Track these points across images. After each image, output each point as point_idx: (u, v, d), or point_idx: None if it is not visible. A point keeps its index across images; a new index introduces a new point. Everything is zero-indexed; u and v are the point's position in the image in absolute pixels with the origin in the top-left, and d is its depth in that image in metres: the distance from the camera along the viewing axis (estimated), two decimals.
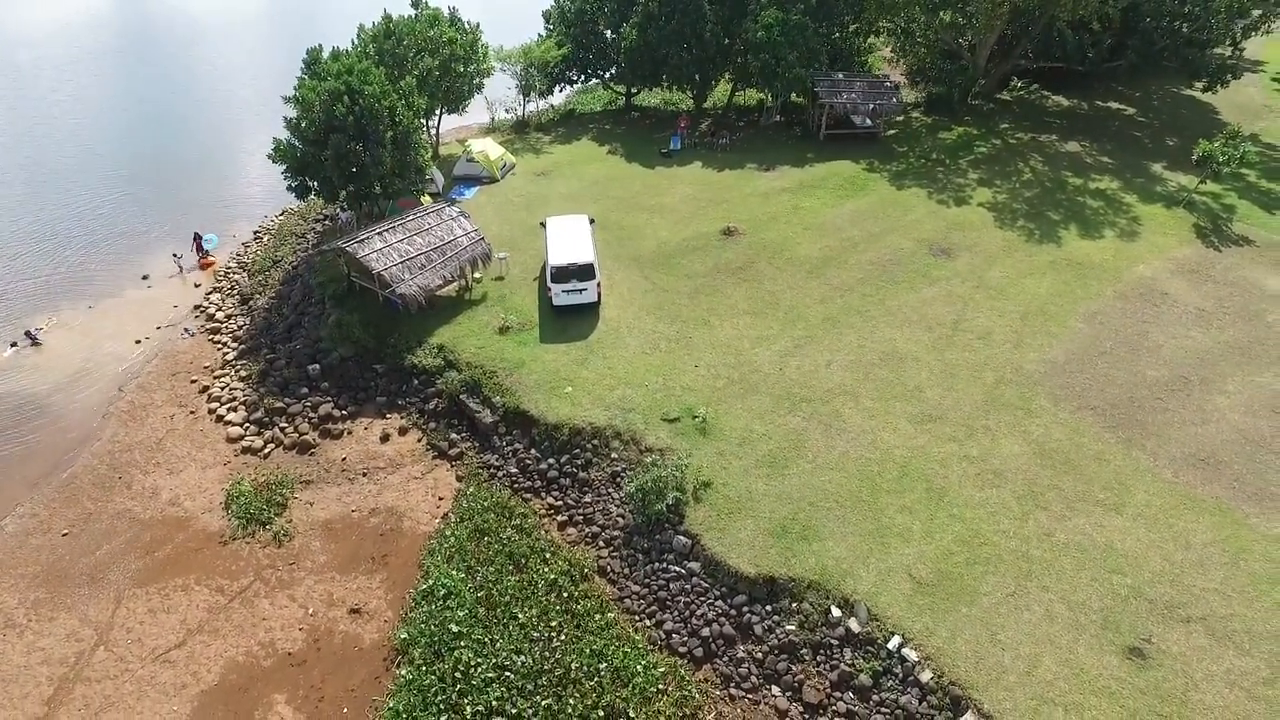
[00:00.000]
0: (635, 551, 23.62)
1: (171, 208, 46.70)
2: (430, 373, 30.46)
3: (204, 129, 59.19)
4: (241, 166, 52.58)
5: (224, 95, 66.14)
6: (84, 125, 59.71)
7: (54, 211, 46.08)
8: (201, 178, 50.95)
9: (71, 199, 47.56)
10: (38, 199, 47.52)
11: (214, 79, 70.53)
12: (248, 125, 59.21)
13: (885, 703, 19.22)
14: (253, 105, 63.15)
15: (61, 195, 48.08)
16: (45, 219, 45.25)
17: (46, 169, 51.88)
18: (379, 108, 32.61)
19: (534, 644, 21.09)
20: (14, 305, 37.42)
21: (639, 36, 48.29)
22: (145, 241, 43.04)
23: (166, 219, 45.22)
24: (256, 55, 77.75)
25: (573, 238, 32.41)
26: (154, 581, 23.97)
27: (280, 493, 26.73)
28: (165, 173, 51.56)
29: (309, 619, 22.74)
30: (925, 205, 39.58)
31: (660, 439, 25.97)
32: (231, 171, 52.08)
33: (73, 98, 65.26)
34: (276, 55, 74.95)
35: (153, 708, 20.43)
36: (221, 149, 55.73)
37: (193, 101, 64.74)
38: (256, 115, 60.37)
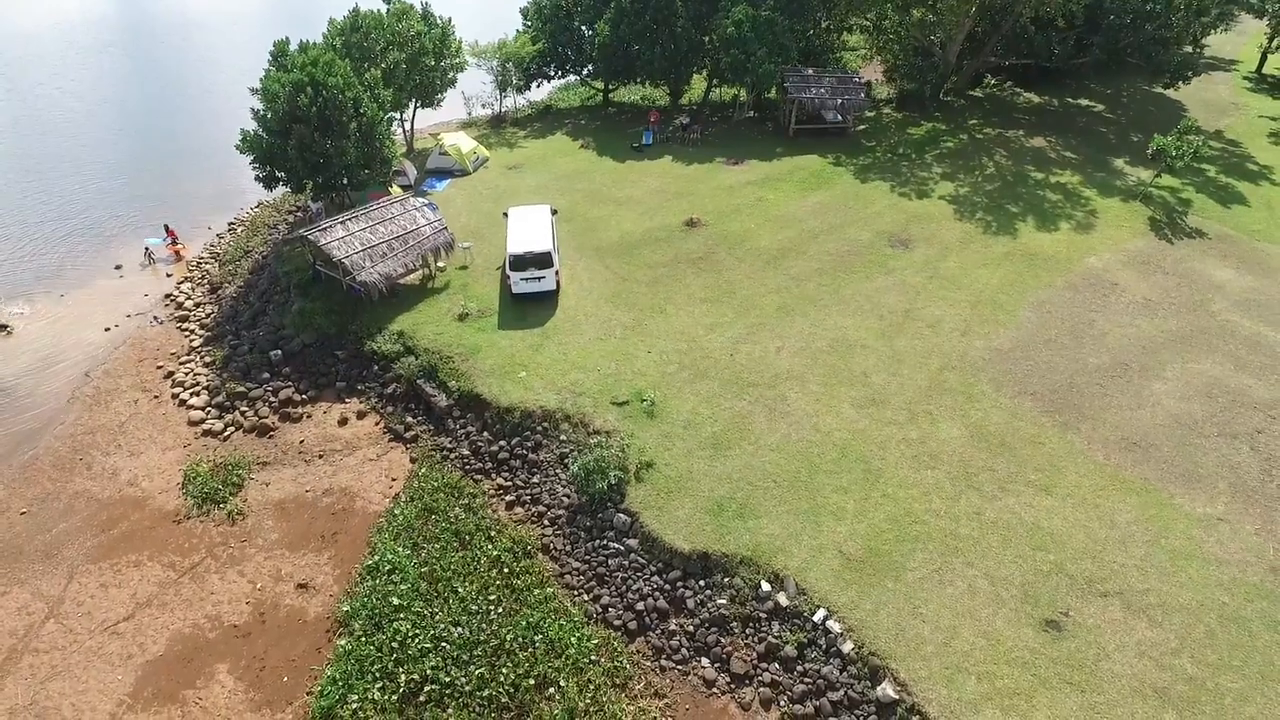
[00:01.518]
0: (578, 530, 24.14)
1: (147, 199, 47.30)
2: (389, 358, 30.98)
3: (183, 122, 59.75)
4: (217, 159, 53.02)
5: (204, 89, 66.63)
6: (66, 118, 60.22)
7: (29, 202, 46.61)
8: (180, 170, 51.61)
9: (48, 190, 48.16)
10: (13, 189, 47.97)
11: (195, 73, 71.03)
12: (225, 118, 59.68)
13: (808, 673, 19.76)
14: (231, 98, 63.62)
15: (38, 186, 48.62)
16: (19, 209, 45.69)
17: (27, 160, 52.32)
18: (343, 99, 33.16)
19: (472, 616, 21.61)
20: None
21: (612, 32, 48.79)
22: (119, 232, 43.59)
23: (141, 210, 45.79)
24: (239, 50, 78.24)
25: (532, 227, 32.96)
26: (107, 558, 24.47)
27: (237, 473, 27.23)
28: (143, 165, 52.25)
29: (256, 593, 23.27)
30: (887, 198, 40.13)
31: (609, 421, 26.49)
32: (208, 164, 52.56)
33: (60, 90, 65.75)
34: (260, 49, 75.38)
35: (98, 676, 20.93)
36: (200, 142, 56.28)
37: (173, 95, 65.28)
38: (235, 108, 60.82)
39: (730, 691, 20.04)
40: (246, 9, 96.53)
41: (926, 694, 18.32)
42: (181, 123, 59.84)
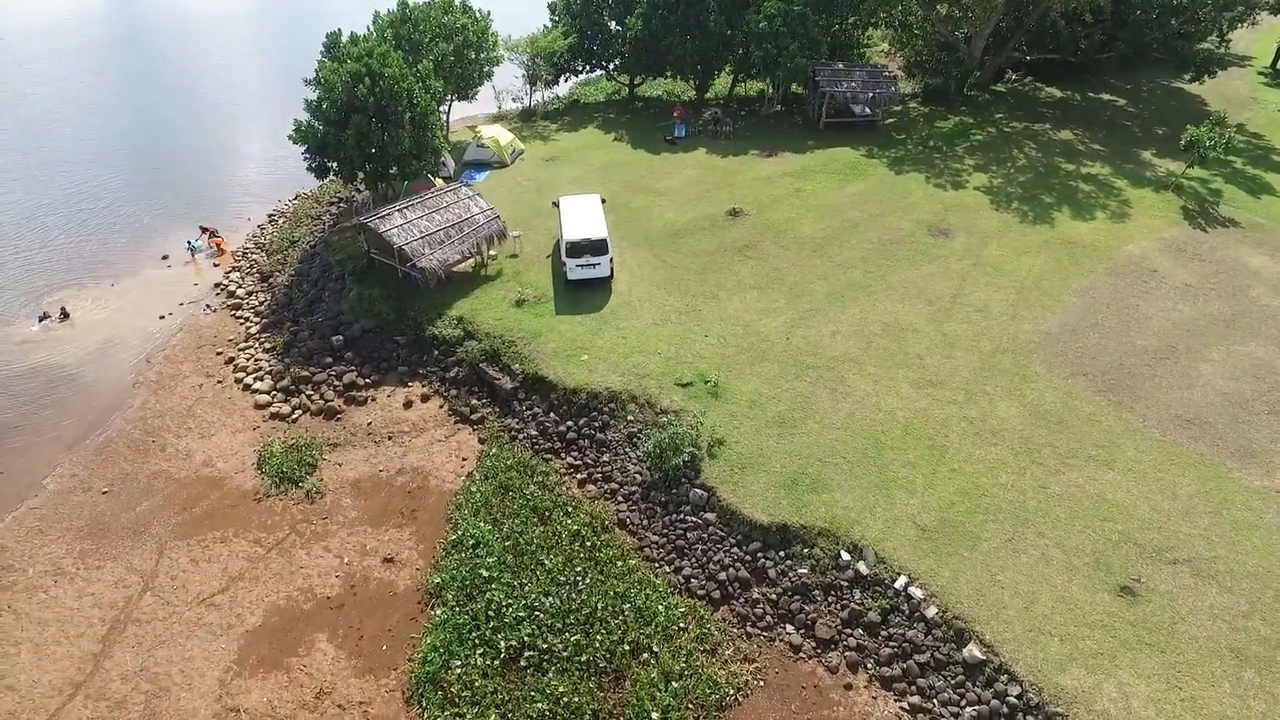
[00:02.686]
0: (653, 505, 24.91)
1: (185, 192, 47.86)
2: (450, 343, 31.64)
3: (218, 117, 60.28)
4: (253, 153, 53.68)
5: (236, 84, 67.14)
6: (93, 111, 60.64)
7: (67, 194, 47.05)
8: (216, 164, 52.16)
9: (84, 182, 48.61)
10: (50, 182, 48.46)
11: (224, 70, 71.45)
12: (260, 113, 60.34)
13: (893, 637, 20.57)
14: (267, 93, 64.21)
15: (78, 180, 49.12)
16: (57, 201, 46.17)
17: (62, 155, 52.85)
18: (398, 89, 33.81)
19: (560, 587, 22.35)
20: (39, 283, 38.39)
21: (644, 27, 49.50)
22: (161, 223, 44.12)
23: (180, 202, 46.32)
24: (265, 46, 78.69)
25: (586, 215, 33.72)
26: (194, 534, 25.13)
27: (310, 454, 27.90)
28: (181, 159, 52.75)
29: (344, 567, 23.97)
30: (923, 189, 41.01)
31: (674, 402, 27.27)
32: (244, 158, 53.16)
33: (83, 85, 66.10)
34: (284, 45, 76.03)
35: (201, 645, 21.61)
36: (236, 136, 56.87)
37: (206, 91, 65.78)
38: (270, 103, 61.47)
39: (817, 656, 20.83)
40: (249, 5, 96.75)
41: (1013, 654, 19.16)
42: (212, 118, 60.26)
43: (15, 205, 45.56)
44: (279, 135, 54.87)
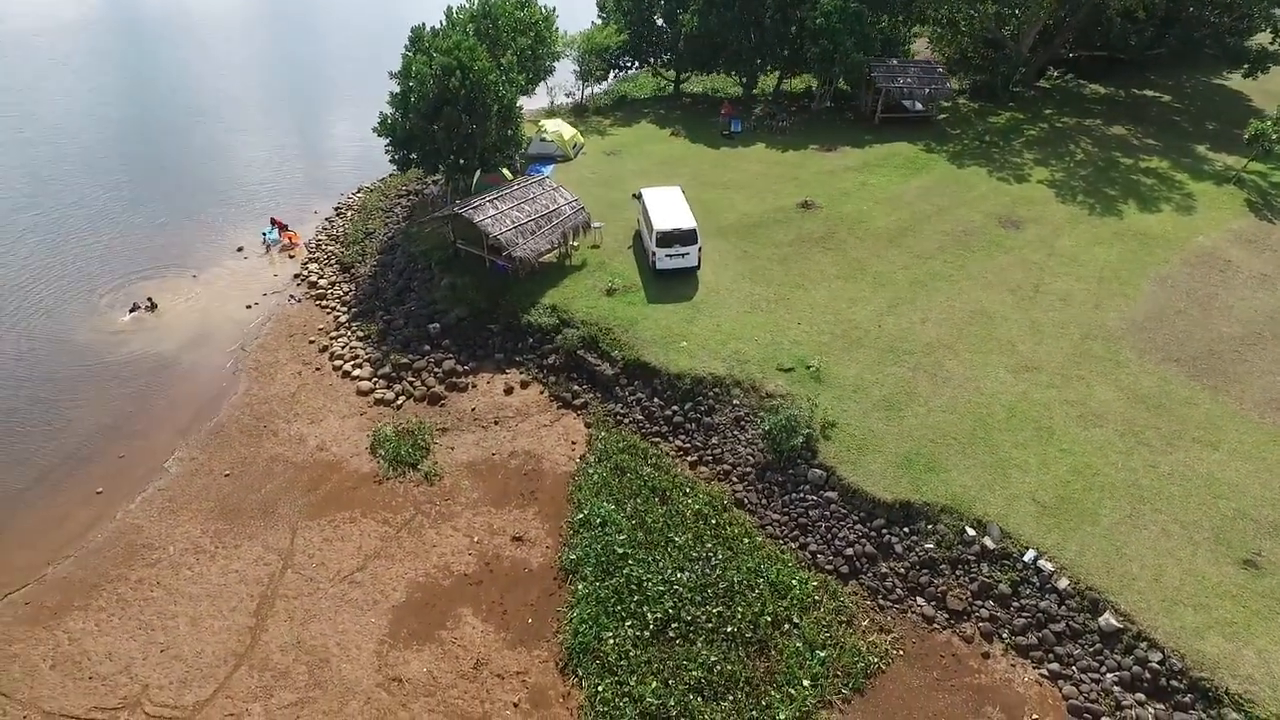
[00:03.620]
0: (770, 485, 25.71)
1: (251, 185, 48.58)
2: (545, 331, 32.38)
3: (274, 113, 60.93)
4: (315, 149, 54.45)
5: (297, 83, 68.03)
6: (150, 105, 61.27)
7: (137, 188, 47.85)
8: (278, 159, 52.80)
9: (149, 178, 49.43)
10: (116, 175, 49.20)
11: (270, 66, 72.18)
12: (316, 110, 61.16)
13: (1025, 608, 21.41)
14: (328, 91, 64.98)
15: (138, 174, 49.93)
16: (130, 194, 47.04)
17: (117, 149, 53.63)
18: (487, 82, 34.51)
19: (693, 563, 23.15)
20: (120, 275, 39.02)
21: (700, 23, 50.23)
22: (231, 216, 44.85)
23: (248, 195, 47.11)
24: (312, 46, 79.36)
25: (673, 206, 34.50)
26: (322, 515, 25.85)
27: (422, 438, 28.62)
28: (235, 154, 53.47)
29: (476, 546, 24.73)
30: (987, 182, 41.89)
31: (779, 386, 28.08)
32: (306, 153, 53.92)
33: (133, 80, 66.75)
34: (330, 48, 76.78)
35: (351, 619, 22.35)
36: (296, 132, 57.59)
37: (263, 89, 66.60)
38: (331, 100, 62.27)
39: (950, 627, 21.67)
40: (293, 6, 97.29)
41: (1150, 623, 20.04)
42: (270, 114, 60.96)
43: (86, 198, 46.14)
44: (333, 130, 56.05)
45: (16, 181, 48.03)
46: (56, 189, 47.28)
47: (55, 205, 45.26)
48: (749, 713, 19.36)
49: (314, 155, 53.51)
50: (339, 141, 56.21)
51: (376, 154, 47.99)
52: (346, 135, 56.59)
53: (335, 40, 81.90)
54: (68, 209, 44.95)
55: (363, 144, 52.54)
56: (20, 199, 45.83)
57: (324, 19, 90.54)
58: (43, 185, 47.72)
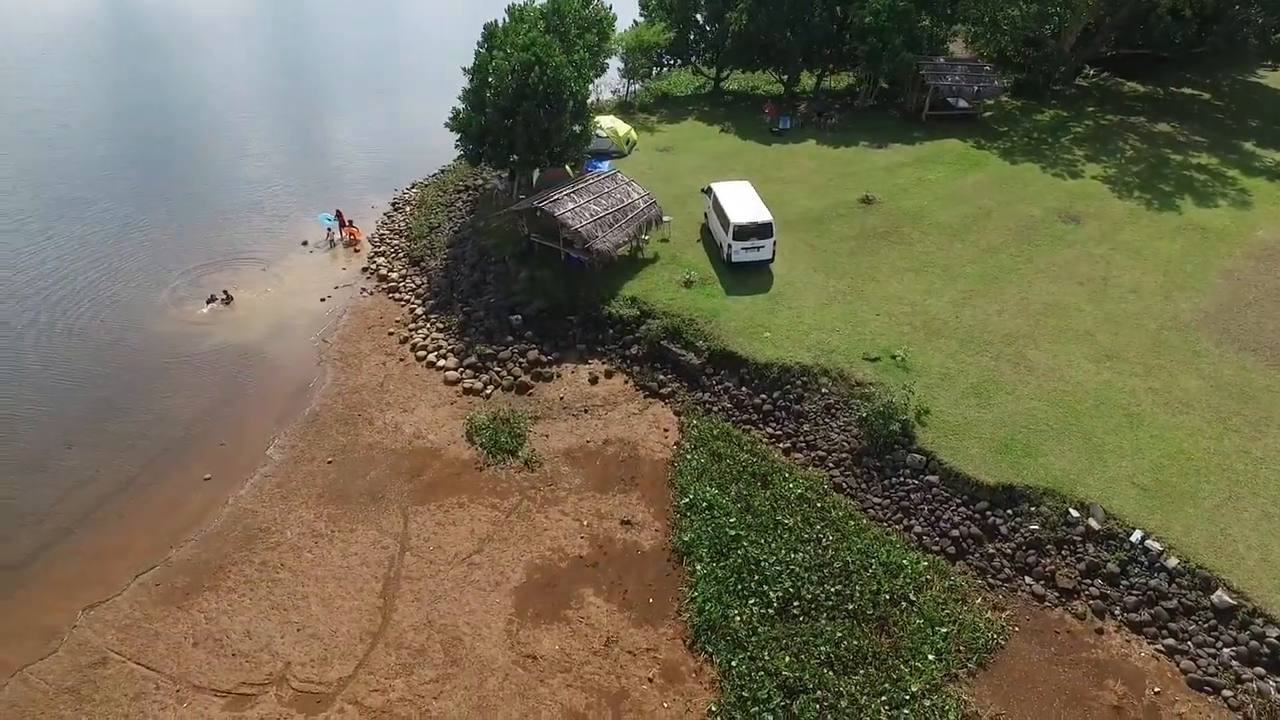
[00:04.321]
0: (867, 470, 26.42)
1: (308, 180, 49.25)
2: (626, 322, 33.03)
3: (326, 108, 61.88)
4: (366, 144, 55.09)
5: (348, 79, 69.05)
6: (207, 100, 61.82)
7: (193, 183, 48.24)
8: (332, 154, 53.37)
9: (205, 171, 49.93)
10: (173, 170, 49.79)
11: (327, 65, 72.94)
12: (367, 105, 61.87)
13: (1135, 586, 22.14)
14: (378, 86, 65.65)
15: (195, 169, 50.49)
16: (191, 189, 47.65)
17: (180, 140, 54.16)
18: (563, 78, 35.15)
19: (804, 544, 23.82)
20: (193, 267, 39.66)
21: (749, 21, 50.91)
22: (290, 210, 45.43)
23: (304, 190, 47.85)
24: (357, 44, 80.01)
25: (747, 200, 35.20)
26: (430, 500, 26.47)
27: (517, 426, 29.22)
28: (297, 148, 54.08)
29: (585, 529, 25.37)
30: (1042, 179, 42.68)
31: (867, 375, 28.78)
32: (359, 148, 54.52)
33: (182, 75, 67.31)
34: (373, 45, 77.43)
35: (477, 600, 22.98)
36: (349, 127, 58.32)
37: (314, 85, 67.69)
38: (382, 96, 63.01)
39: (1061, 604, 22.39)
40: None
41: (1265, 599, 20.79)
42: (322, 109, 61.69)
43: (144, 192, 46.90)
44: (385, 125, 56.73)
45: (75, 176, 48.44)
46: (115, 184, 47.88)
47: (115, 200, 45.84)
48: (880, 685, 19.92)
49: (367, 151, 54.06)
50: (391, 137, 56.82)
51: (427, 149, 49.57)
52: (398, 131, 57.34)
53: (377, 37, 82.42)
54: (129, 204, 45.53)
55: (414, 139, 53.53)
56: (80, 192, 46.33)
57: (367, 16, 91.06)
58: (100, 180, 48.30)
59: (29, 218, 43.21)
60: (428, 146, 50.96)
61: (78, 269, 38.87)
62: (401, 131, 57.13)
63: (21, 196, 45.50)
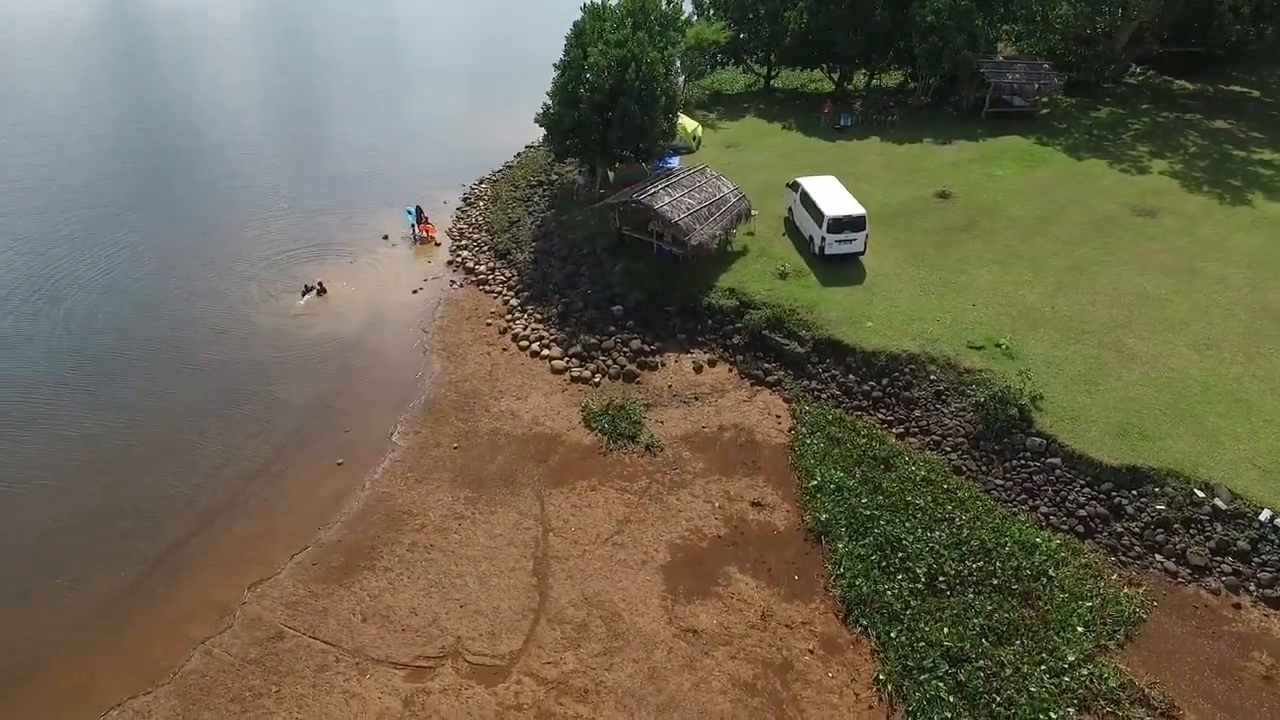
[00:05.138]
0: (986, 453, 27.24)
1: (378, 176, 50.02)
2: (725, 312, 33.84)
3: (392, 104, 63.29)
4: (429, 142, 56.09)
5: (412, 75, 70.33)
6: (284, 98, 62.63)
7: (269, 178, 49.01)
8: (399, 151, 54.27)
9: (288, 170, 50.69)
10: (249, 167, 50.50)
11: (392, 61, 73.89)
12: (431, 102, 62.81)
13: (1268, 563, 22.96)
14: (440, 83, 66.61)
15: (270, 165, 51.24)
16: (270, 185, 48.46)
17: (256, 137, 54.83)
18: (656, 74, 35.96)
19: (938, 523, 24.62)
20: (283, 260, 40.51)
21: (810, 21, 51.76)
22: (372, 206, 46.18)
23: (384, 186, 48.73)
24: (418, 41, 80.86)
25: (838, 194, 36.03)
26: (562, 483, 27.23)
27: (633, 413, 29.97)
28: (367, 144, 54.89)
29: (718, 511, 26.15)
30: (1110, 174, 43.57)
31: (974, 362, 29.59)
32: (422, 146, 55.51)
33: (262, 75, 68.06)
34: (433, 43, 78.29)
35: (627, 577, 23.75)
36: (410, 126, 59.07)
37: (379, 82, 68.95)
38: (445, 92, 63.91)
39: (1195, 580, 23.22)
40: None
41: None
42: (397, 110, 62.78)
43: (224, 187, 47.70)
44: (451, 121, 57.55)
45: (162, 171, 49.15)
46: (198, 178, 48.60)
47: (202, 193, 46.51)
48: (1037, 655, 20.74)
49: (430, 147, 54.97)
50: (453, 133, 57.66)
51: (490, 146, 50.82)
52: (459, 127, 58.15)
53: (431, 35, 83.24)
54: (210, 200, 46.36)
55: (475, 136, 54.55)
56: (169, 185, 47.04)
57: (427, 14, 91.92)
58: (185, 174, 48.98)
59: (120, 210, 43.92)
60: (491, 143, 52.25)
61: (171, 263, 39.64)
62: (463, 128, 57.99)
63: (114, 193, 46.17)
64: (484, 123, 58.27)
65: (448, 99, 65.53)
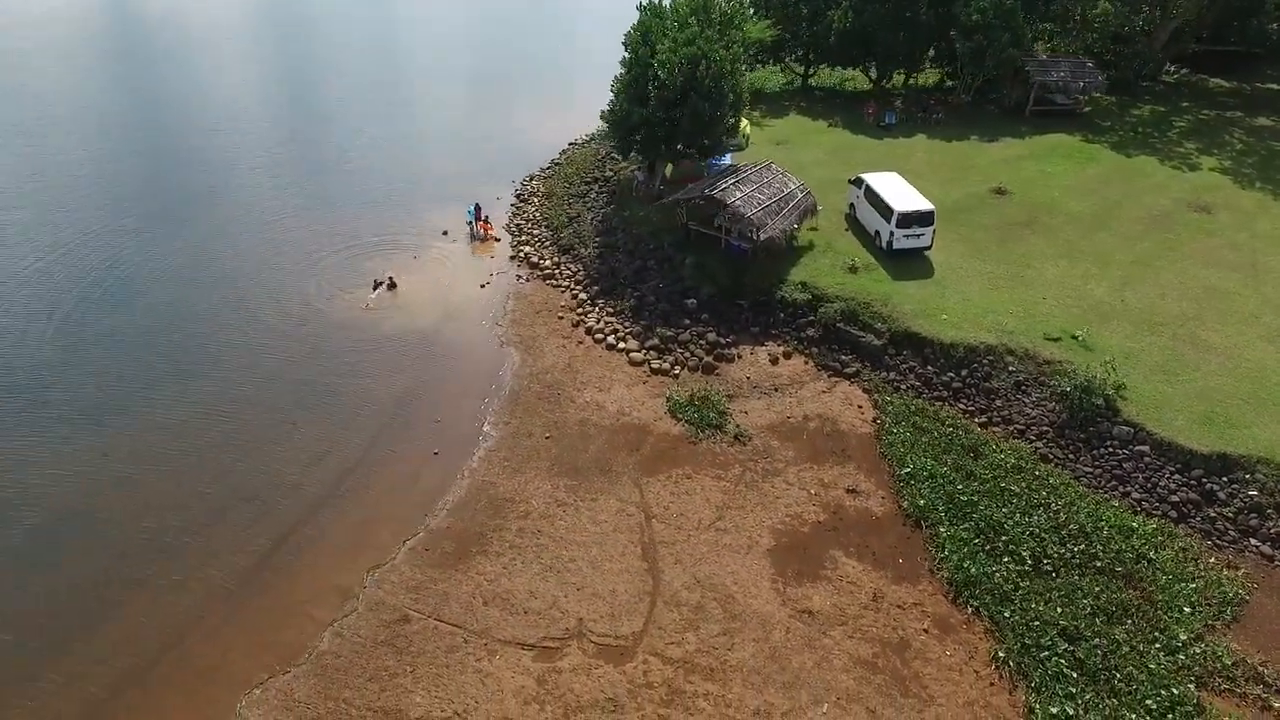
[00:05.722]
0: (1073, 441, 27.82)
1: (436, 173, 50.73)
2: (797, 305, 34.39)
3: (434, 104, 63.22)
4: (472, 141, 56.72)
5: (458, 73, 70.06)
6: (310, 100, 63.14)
7: (341, 179, 49.71)
8: (447, 152, 54.83)
9: (342, 168, 51.28)
10: (304, 164, 51.17)
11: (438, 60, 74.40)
12: (477, 99, 63.50)
13: None
14: (483, 81, 67.33)
15: (323, 163, 51.98)
16: (323, 182, 49.23)
17: (296, 137, 55.53)
18: (725, 72, 36.53)
19: (1035, 509, 25.20)
20: (349, 256, 41.03)
21: (855, 20, 52.37)
22: (427, 203, 46.78)
23: (437, 182, 49.46)
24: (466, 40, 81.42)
25: (904, 190, 36.63)
26: (657, 472, 27.76)
27: (717, 404, 30.51)
28: (416, 142, 55.61)
29: (814, 497, 26.71)
30: (1161, 170, 44.24)
31: (1053, 354, 30.19)
32: (468, 143, 56.30)
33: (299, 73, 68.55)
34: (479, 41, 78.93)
35: (735, 561, 24.30)
36: (455, 123, 59.70)
37: (423, 82, 69.93)
38: (488, 90, 64.63)
39: None
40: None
41: None
42: (438, 101, 63.43)
43: (282, 185, 48.30)
44: (496, 119, 58.18)
45: (216, 170, 49.67)
46: (258, 176, 49.03)
47: (260, 192, 47.10)
48: (1149, 633, 21.32)
49: (476, 145, 55.59)
50: (496, 131, 58.25)
51: (533, 144, 52.64)
52: (506, 124, 58.90)
53: (468, 36, 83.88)
54: (274, 196, 46.84)
55: (521, 132, 55.26)
56: (226, 184, 47.55)
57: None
58: (245, 172, 49.44)
59: (183, 206, 44.61)
60: (533, 141, 53.69)
61: (239, 258, 40.27)
62: (505, 126, 58.69)
63: (176, 191, 46.77)
64: (525, 121, 58.95)
65: (488, 98, 66.06)
